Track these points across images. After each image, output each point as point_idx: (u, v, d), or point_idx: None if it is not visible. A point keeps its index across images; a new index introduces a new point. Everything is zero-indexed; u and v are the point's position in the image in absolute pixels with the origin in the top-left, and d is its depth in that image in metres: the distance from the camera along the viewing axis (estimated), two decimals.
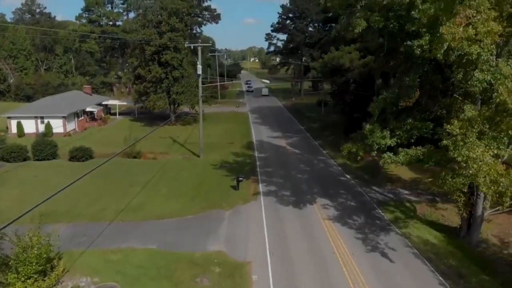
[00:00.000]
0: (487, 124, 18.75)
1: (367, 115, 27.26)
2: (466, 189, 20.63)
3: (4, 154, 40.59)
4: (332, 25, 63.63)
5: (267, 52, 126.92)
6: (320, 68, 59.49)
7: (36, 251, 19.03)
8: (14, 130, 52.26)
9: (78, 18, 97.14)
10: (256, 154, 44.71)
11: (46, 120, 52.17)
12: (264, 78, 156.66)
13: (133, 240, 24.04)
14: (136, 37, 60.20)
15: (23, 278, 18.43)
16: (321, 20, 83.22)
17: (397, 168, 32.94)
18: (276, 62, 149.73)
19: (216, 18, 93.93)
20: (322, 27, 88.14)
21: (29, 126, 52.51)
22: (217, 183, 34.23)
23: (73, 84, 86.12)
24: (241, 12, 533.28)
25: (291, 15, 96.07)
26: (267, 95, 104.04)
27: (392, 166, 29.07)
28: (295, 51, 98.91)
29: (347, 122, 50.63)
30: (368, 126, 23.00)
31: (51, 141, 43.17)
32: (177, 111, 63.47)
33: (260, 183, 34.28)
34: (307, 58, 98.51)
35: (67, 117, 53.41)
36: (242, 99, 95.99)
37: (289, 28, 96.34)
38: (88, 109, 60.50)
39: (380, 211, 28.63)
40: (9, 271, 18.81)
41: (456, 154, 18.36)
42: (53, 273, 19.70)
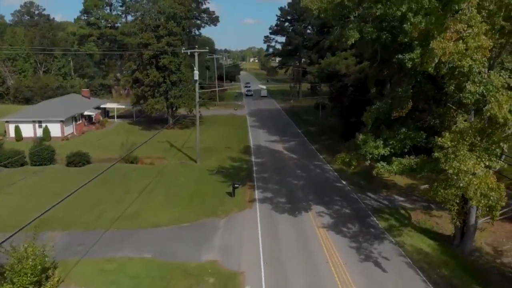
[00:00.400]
0: (478, 136, 18.85)
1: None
2: (458, 199, 20.76)
3: (2, 159, 40.70)
4: (330, 29, 63.75)
5: (266, 55, 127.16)
6: (317, 73, 59.60)
7: (31, 262, 19.19)
8: (12, 134, 52.42)
9: (77, 21, 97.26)
10: (253, 159, 44.85)
11: (44, 124, 52.35)
12: (263, 79, 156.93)
13: (128, 249, 24.18)
14: (134, 40, 60.27)
15: None
16: (318, 25, 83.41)
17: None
18: (275, 63, 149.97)
19: (214, 20, 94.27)
20: (320, 30, 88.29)
21: (27, 130, 52.69)
22: (213, 190, 34.36)
23: (72, 87, 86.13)
24: (241, 12, 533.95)
25: (289, 18, 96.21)
26: (265, 96, 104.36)
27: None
28: (294, 53, 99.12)
29: (345, 127, 50.78)
30: (361, 136, 23.12)
31: (48, 146, 43.29)
32: (175, 114, 63.62)
33: (256, 190, 34.42)
34: (306, 60, 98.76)
35: (65, 121, 53.60)
36: (241, 101, 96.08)
37: (288, 30, 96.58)
38: (86, 112, 60.64)
39: (374, 218, 28.75)
40: (5, 282, 18.96)
41: (447, 166, 18.49)
42: (48, 283, 19.84)
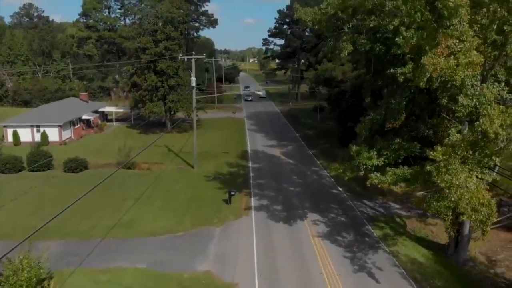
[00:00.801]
0: (470, 149, 18.93)
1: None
2: (451, 212, 20.83)
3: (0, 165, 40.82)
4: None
5: (265, 57, 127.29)
6: (314, 79, 59.66)
7: (26, 274, 19.27)
8: (10, 139, 52.54)
9: (76, 24, 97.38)
10: (250, 164, 44.93)
11: (42, 129, 52.46)
12: (262, 81, 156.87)
13: (123, 259, 24.25)
14: (132, 45, 60.34)
15: None
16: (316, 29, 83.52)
17: None
18: (275, 64, 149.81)
19: (213, 23, 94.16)
20: (318, 33, 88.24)
21: (25, 135, 52.82)
22: (210, 197, 34.44)
23: (71, 89, 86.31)
24: (241, 12, 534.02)
25: (288, 20, 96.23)
26: (264, 97, 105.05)
27: None
28: (292, 56, 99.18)
29: (342, 131, 50.83)
30: (354, 147, 23.21)
31: (46, 151, 43.36)
32: (173, 117, 63.72)
33: (252, 197, 34.51)
34: (304, 62, 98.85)
35: (63, 126, 53.71)
36: (239, 104, 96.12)
37: (286, 33, 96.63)
38: (84, 116, 60.72)
39: (370, 227, 28.83)
40: None
41: (439, 180, 18.57)
42: None
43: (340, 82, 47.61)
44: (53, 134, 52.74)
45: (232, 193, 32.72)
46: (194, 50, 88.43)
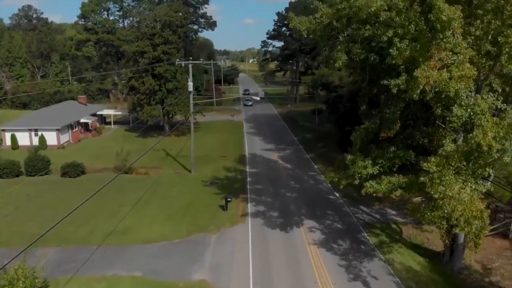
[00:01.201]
0: (464, 160, 18.97)
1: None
2: (445, 221, 20.87)
3: None
4: None
5: (263, 59, 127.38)
6: (311, 83, 59.71)
7: (21, 285, 19.32)
8: (9, 142, 52.59)
9: (75, 26, 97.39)
10: (247, 169, 44.97)
11: (40, 133, 52.49)
12: (262, 82, 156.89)
13: (119, 267, 24.30)
14: (130, 48, 60.36)
15: None
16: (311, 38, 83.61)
17: None
18: (274, 65, 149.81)
19: (212, 25, 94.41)
20: None
21: (23, 139, 52.84)
22: (206, 203, 34.47)
23: (69, 92, 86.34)
24: (241, 12, 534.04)
25: (286, 23, 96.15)
26: (263, 98, 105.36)
27: None
28: (291, 58, 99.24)
29: (340, 135, 50.92)
30: (349, 156, 23.26)
31: (44, 156, 43.38)
32: (172, 120, 63.76)
33: (249, 203, 34.55)
34: (303, 63, 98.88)
35: (61, 129, 53.74)
36: (238, 106, 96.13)
37: (285, 35, 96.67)
38: (82, 120, 60.77)
39: (365, 234, 28.89)
40: None
41: (432, 191, 18.62)
42: None
43: (338, 87, 47.67)
44: (51, 138, 52.79)
45: (228, 199, 32.77)
46: (193, 52, 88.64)
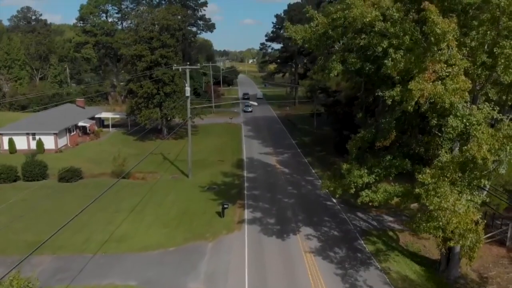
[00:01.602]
0: (459, 172, 18.89)
1: (356, 134, 27.27)
2: (440, 231, 20.77)
3: None
4: None
5: (262, 61, 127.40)
6: (309, 88, 59.65)
7: None
8: (6, 146, 52.46)
9: (73, 28, 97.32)
10: (245, 174, 44.87)
11: (37, 137, 52.40)
12: (261, 83, 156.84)
13: (114, 276, 24.22)
14: (128, 52, 60.28)
15: None
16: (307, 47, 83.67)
17: None
18: (273, 66, 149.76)
19: (210, 27, 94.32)
20: None
21: (21, 143, 52.74)
22: (203, 209, 34.37)
23: (68, 94, 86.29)
24: (240, 12, 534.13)
25: (285, 25, 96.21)
26: (261, 98, 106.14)
27: None
28: (290, 60, 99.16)
29: (338, 139, 50.81)
30: (345, 165, 23.18)
31: (41, 161, 43.28)
32: (170, 123, 63.73)
33: (246, 209, 34.45)
34: (302, 66, 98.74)
35: (58, 133, 53.63)
36: (237, 108, 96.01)
37: (283, 38, 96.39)
38: (80, 123, 60.66)
39: (362, 242, 28.79)
40: None
41: (428, 202, 18.53)
42: None
43: (335, 92, 47.59)
44: (49, 142, 52.68)
45: (225, 206, 32.66)
46: (192, 53, 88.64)
